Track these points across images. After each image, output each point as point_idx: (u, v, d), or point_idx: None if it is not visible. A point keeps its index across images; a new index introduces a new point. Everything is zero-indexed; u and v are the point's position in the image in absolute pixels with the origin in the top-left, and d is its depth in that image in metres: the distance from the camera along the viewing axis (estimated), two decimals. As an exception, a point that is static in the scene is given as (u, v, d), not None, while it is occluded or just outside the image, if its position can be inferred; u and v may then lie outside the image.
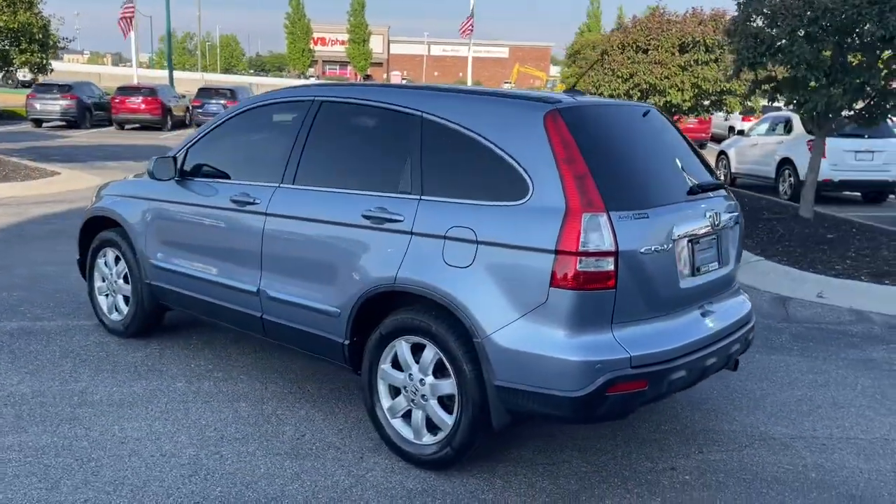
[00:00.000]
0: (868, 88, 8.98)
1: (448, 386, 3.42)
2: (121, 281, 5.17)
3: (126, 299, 5.15)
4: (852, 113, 9.59)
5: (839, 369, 5.11)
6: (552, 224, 3.08)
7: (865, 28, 8.34)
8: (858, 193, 14.69)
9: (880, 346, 5.63)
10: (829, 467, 3.73)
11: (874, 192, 14.52)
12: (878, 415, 4.37)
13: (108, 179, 6.01)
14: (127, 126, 26.22)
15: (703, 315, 3.57)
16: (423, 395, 3.51)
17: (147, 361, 4.81)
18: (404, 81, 70.00)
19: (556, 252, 3.05)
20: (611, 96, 14.75)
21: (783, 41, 8.70)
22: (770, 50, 8.72)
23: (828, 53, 8.78)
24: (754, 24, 9.12)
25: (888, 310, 6.62)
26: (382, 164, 3.82)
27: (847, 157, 13.64)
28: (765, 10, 8.87)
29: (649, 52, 14.36)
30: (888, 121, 10.99)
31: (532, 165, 3.23)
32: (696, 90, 14.11)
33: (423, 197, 3.51)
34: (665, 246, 3.29)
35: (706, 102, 14.75)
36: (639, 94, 14.44)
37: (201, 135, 4.68)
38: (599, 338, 3.11)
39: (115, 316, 5.24)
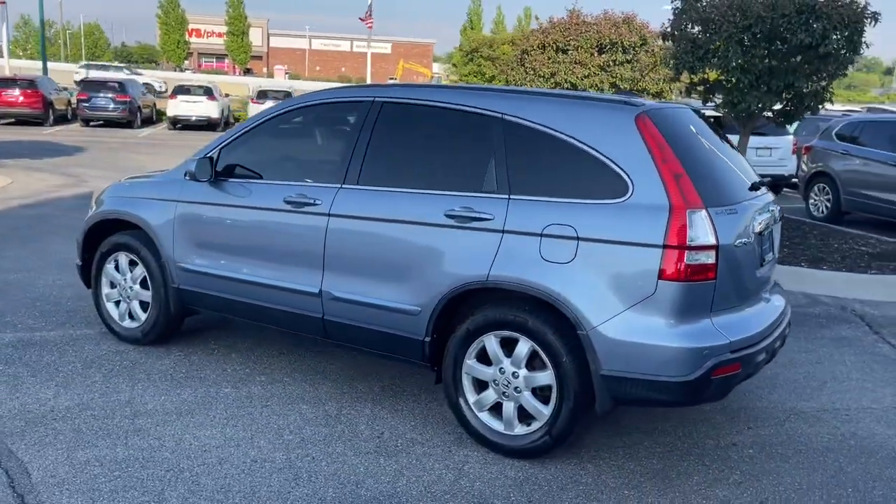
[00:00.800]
0: (790, 91, 9.76)
1: (545, 377, 3.57)
2: (137, 286, 4.97)
3: (143, 305, 4.96)
4: (771, 114, 10.40)
5: (823, 347, 5.63)
6: (658, 221, 3.30)
7: (793, 35, 9.07)
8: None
9: (845, 326, 6.23)
10: (862, 435, 4.16)
11: (771, 186, 15.71)
12: (877, 386, 4.89)
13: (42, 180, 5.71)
14: (1, 121, 24.36)
15: (766, 302, 3.91)
16: (515, 388, 3.64)
17: (179, 368, 4.66)
18: (287, 77, 68.56)
19: (664, 247, 3.27)
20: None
21: (719, 47, 9.34)
22: (707, 55, 9.34)
23: (758, 59, 9.49)
24: (691, 31, 9.72)
25: (834, 292, 7.30)
26: (460, 164, 3.90)
27: (750, 154, 14.68)
28: (702, 17, 9.46)
29: (569, 53, 14.92)
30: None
31: (630, 166, 3.43)
32: (615, 89, 14.79)
33: (511, 196, 3.63)
34: (749, 239, 3.58)
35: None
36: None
37: (237, 135, 4.58)
38: (702, 326, 3.36)
39: (128, 323, 5.03)
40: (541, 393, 3.62)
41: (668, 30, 10.16)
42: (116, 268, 5.05)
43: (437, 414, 4.14)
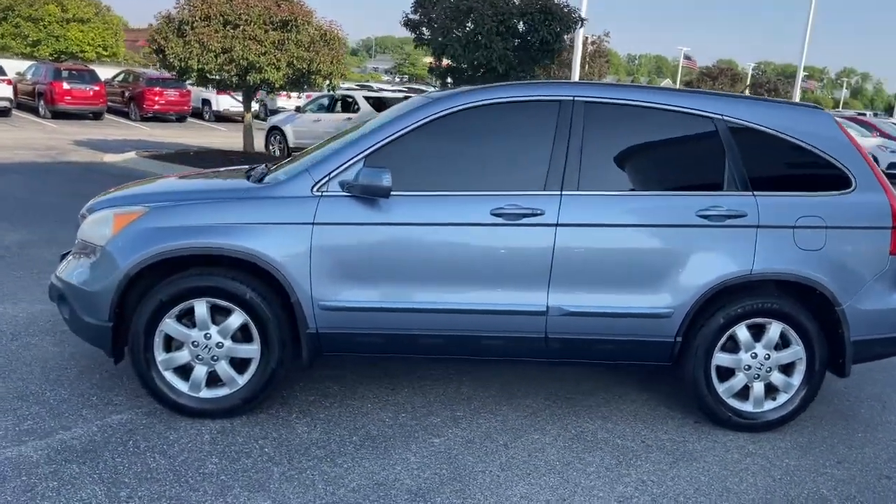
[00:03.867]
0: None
1: (790, 355, 3.98)
2: (228, 341, 3.72)
3: (240, 363, 3.76)
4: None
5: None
6: (883, 207, 3.97)
7: (535, 31, 10.36)
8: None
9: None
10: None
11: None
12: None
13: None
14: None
15: None
16: (767, 369, 3.98)
17: (334, 432, 3.72)
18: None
19: (892, 228, 3.97)
20: (202, 70, 14.04)
21: (478, 38, 10.16)
22: (472, 45, 10.10)
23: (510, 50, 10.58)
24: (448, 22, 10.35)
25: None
26: (692, 164, 3.97)
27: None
28: (462, 7, 10.13)
29: (241, 28, 14.06)
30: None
31: (847, 161, 4.00)
32: (292, 68, 14.48)
33: (756, 193, 3.90)
34: None
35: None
36: (236, 70, 14.06)
37: (388, 138, 3.77)
38: None
39: (207, 392, 3.76)
40: (787, 369, 4.02)
41: (418, 16, 10.61)
42: (195, 321, 3.69)
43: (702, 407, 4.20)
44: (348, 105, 16.55)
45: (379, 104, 15.90)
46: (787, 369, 4.03)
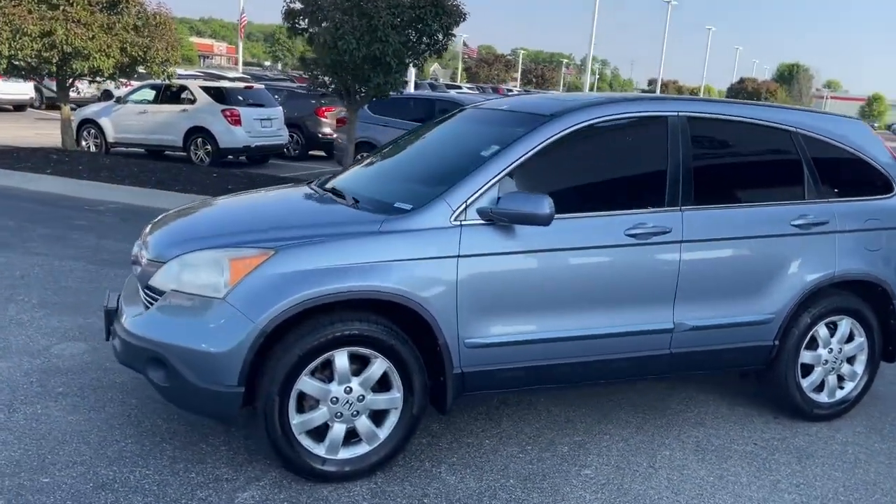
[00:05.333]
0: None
1: (855, 347, 4.36)
2: (369, 393, 3.33)
3: (375, 416, 3.38)
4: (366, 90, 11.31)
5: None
6: None
7: (427, 25, 10.19)
8: (245, 157, 16.14)
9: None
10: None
11: (261, 155, 16.32)
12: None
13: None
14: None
15: None
16: (840, 362, 4.32)
17: (486, 478, 3.48)
18: None
19: (928, 226, 4.47)
20: (11, 58, 12.24)
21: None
22: (352, 37, 9.69)
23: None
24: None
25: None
26: (779, 176, 4.15)
27: (256, 125, 15.07)
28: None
29: (61, 8, 12.43)
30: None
31: (889, 168, 4.44)
32: (125, 55, 13.06)
33: (829, 200, 4.20)
34: None
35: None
36: (58, 56, 12.41)
37: (515, 160, 3.54)
38: None
39: (346, 453, 3.35)
40: (848, 362, 4.39)
41: (302, 6, 10.08)
42: (318, 375, 3.24)
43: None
44: (179, 95, 15.19)
45: (220, 95, 14.83)
46: (851, 360, 4.40)
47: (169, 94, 15.27)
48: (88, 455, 3.46)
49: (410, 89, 23.30)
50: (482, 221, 3.43)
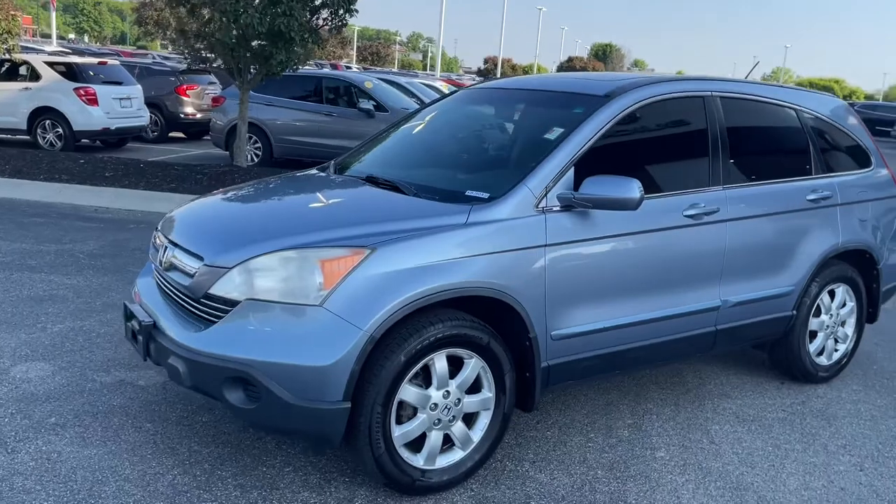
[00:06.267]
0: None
1: (848, 311, 4.67)
2: (465, 396, 3.12)
3: (468, 419, 3.19)
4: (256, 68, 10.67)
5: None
6: (891, 179, 4.81)
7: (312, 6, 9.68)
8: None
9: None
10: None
11: (118, 138, 14.99)
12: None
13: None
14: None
15: None
16: (837, 325, 4.62)
17: (577, 472, 3.39)
18: None
19: (897, 196, 4.85)
20: None
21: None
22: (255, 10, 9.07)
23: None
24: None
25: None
26: (793, 153, 4.31)
27: (114, 105, 13.82)
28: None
29: None
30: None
31: (867, 144, 4.76)
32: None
33: (830, 175, 4.44)
34: None
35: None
36: None
37: (585, 144, 3.41)
38: None
39: (442, 461, 3.12)
40: (841, 325, 4.69)
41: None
42: (415, 381, 3.00)
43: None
44: (17, 72, 13.50)
45: (71, 72, 13.40)
46: (843, 324, 4.71)
47: (3, 71, 13.57)
48: (139, 494, 2.99)
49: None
50: (560, 208, 3.30)
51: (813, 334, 4.53)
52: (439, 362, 3.01)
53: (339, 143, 12.19)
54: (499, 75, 49.54)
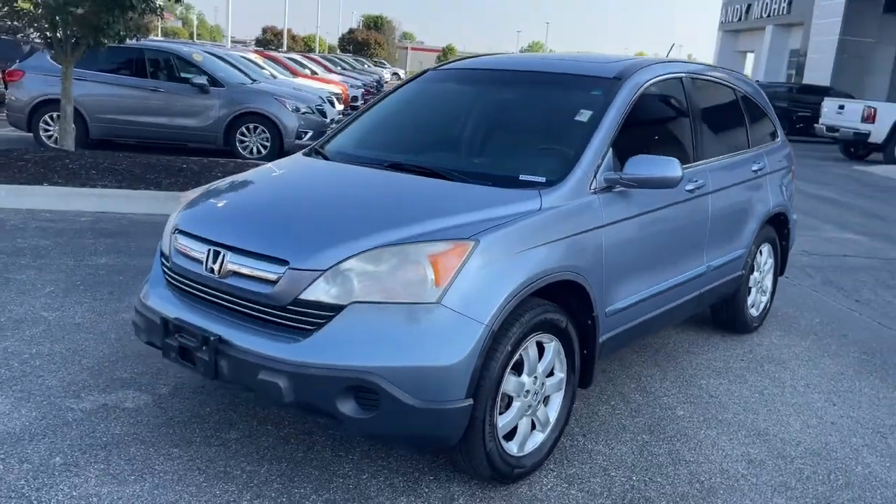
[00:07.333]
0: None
1: (769, 267, 5.27)
2: (546, 380, 3.16)
3: (545, 401, 3.23)
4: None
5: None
6: (790, 151, 5.47)
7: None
8: None
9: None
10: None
11: None
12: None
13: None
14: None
15: None
16: (763, 280, 5.20)
17: (637, 440, 3.56)
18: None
19: (791, 166, 5.51)
20: None
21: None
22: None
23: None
24: None
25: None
26: (738, 130, 4.73)
27: None
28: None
29: None
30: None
31: (774, 120, 5.36)
32: None
33: (760, 148, 4.96)
34: None
35: None
36: None
37: (617, 125, 3.53)
38: None
39: (530, 446, 3.14)
40: (766, 281, 5.28)
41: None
42: (521, 369, 2.99)
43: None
44: None
45: None
46: (766, 279, 5.31)
47: None
48: (227, 529, 2.70)
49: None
50: (605, 187, 3.40)
51: (748, 290, 5.07)
52: (531, 349, 3.01)
53: (171, 121, 11.29)
54: (285, 47, 47.89)
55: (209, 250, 2.95)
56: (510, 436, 3.05)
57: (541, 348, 3.10)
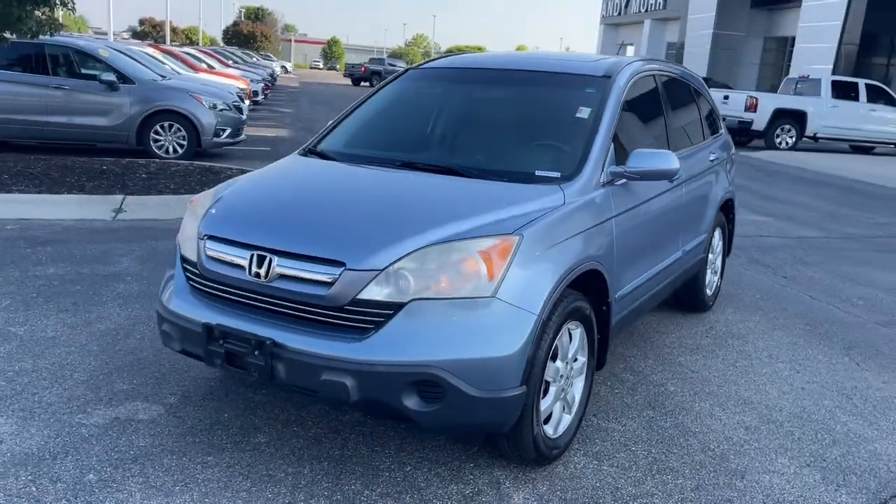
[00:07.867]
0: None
1: (720, 247, 5.67)
2: (573, 364, 3.33)
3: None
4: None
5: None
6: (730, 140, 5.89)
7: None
8: None
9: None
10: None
11: None
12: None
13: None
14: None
15: None
16: (715, 262, 5.59)
17: (653, 432, 3.79)
18: None
19: (732, 155, 5.94)
20: None
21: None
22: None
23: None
24: None
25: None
26: (696, 122, 5.05)
27: None
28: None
29: None
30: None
31: (717, 112, 5.75)
32: None
33: (712, 138, 5.33)
34: None
35: None
36: None
37: (613, 118, 3.74)
38: None
39: (561, 429, 3.31)
40: (717, 263, 5.68)
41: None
42: (556, 356, 3.15)
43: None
44: None
45: None
46: (716, 260, 5.70)
47: None
48: (295, 528, 2.72)
49: None
50: (609, 180, 3.61)
51: (705, 271, 5.44)
52: (564, 336, 3.17)
53: (77, 120, 10.71)
54: (167, 41, 45.83)
55: (252, 255, 2.93)
56: (547, 419, 3.20)
57: (569, 335, 3.27)
